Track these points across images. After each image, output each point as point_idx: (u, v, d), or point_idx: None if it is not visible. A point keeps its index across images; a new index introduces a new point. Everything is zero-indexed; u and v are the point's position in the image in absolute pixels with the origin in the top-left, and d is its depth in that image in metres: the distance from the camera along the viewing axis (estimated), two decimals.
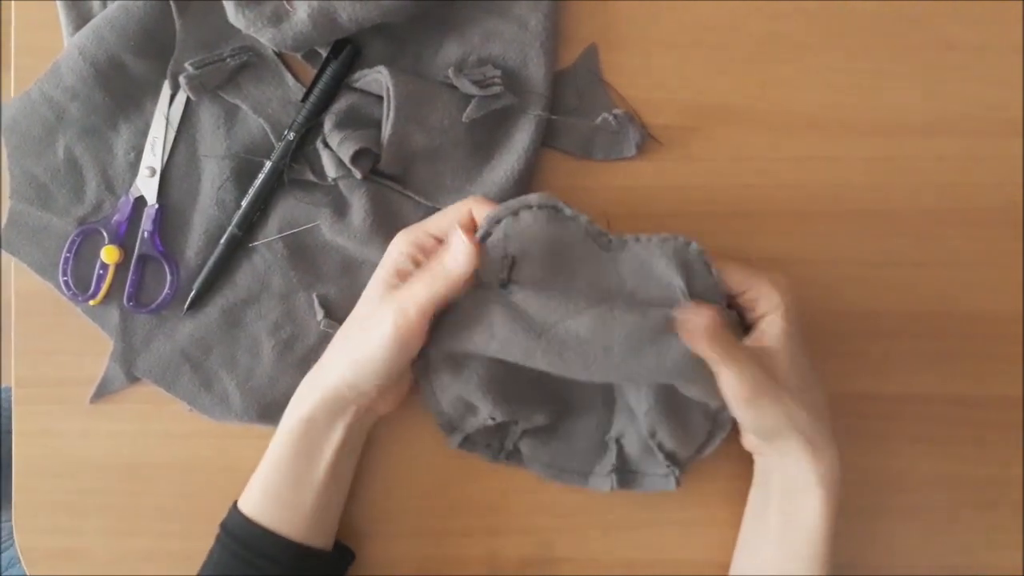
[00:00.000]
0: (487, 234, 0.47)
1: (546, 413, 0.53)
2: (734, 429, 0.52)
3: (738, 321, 0.50)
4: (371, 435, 0.54)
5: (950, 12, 0.56)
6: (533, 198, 0.47)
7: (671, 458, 0.52)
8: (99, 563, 0.55)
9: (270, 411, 0.54)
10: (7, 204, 0.54)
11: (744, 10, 0.56)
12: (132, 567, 0.55)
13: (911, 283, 0.56)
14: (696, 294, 0.46)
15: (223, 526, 0.50)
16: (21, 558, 0.54)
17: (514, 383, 0.51)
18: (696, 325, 0.45)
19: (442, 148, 0.52)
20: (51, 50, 0.53)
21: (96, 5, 0.53)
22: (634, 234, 0.47)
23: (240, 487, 0.50)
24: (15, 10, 0.55)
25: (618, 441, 0.53)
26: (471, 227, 0.47)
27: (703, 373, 0.45)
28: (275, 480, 0.50)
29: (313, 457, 0.49)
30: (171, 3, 0.52)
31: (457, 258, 0.46)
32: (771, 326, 0.47)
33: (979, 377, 0.56)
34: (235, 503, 0.50)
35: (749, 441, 0.52)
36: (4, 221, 0.54)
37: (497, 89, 0.52)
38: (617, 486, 0.52)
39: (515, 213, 0.46)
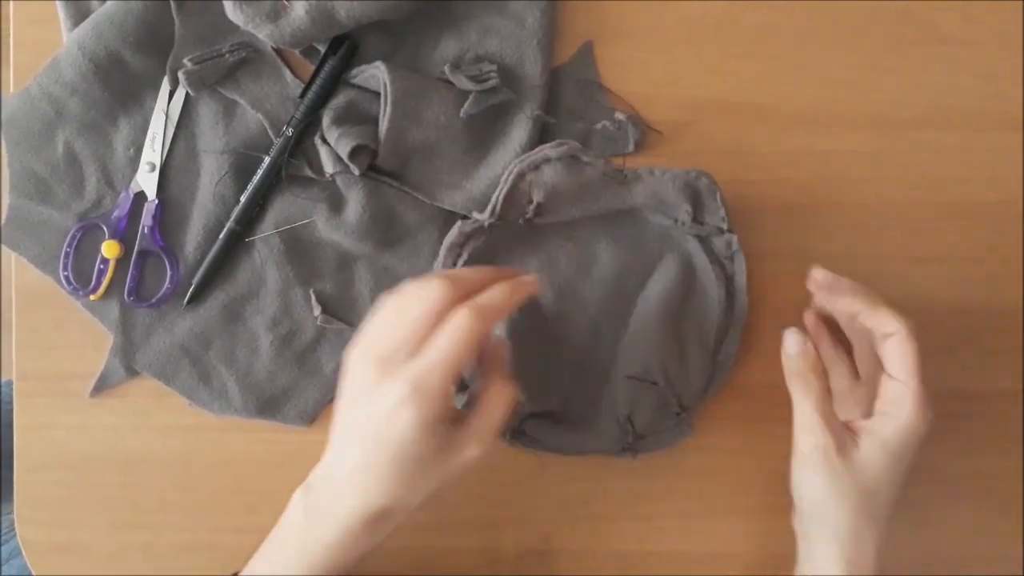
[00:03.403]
0: (513, 187, 0.51)
1: (557, 398, 0.54)
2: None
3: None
4: None
5: (944, 7, 0.56)
6: (551, 151, 0.50)
7: (680, 403, 0.53)
8: (100, 555, 0.55)
9: (269, 406, 0.54)
10: (7, 199, 0.54)
11: (739, 5, 0.56)
12: (132, 559, 0.55)
13: (905, 277, 0.56)
14: (701, 215, 0.52)
15: None
16: (23, 550, 0.55)
17: (528, 367, 0.53)
18: (790, 355, 0.49)
19: (439, 144, 0.53)
20: (50, 46, 0.53)
21: (94, 2, 0.53)
22: (648, 167, 0.52)
23: (240, 481, 0.51)
24: (14, 6, 0.55)
25: (629, 419, 0.53)
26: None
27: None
28: None
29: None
30: None
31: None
32: (897, 418, 0.46)
33: (975, 371, 0.56)
34: None
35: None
36: (4, 216, 0.54)
37: (494, 82, 0.52)
38: (636, 455, 0.53)
39: (536, 167, 0.50)
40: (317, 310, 0.54)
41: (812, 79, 0.56)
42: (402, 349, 0.42)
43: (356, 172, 0.52)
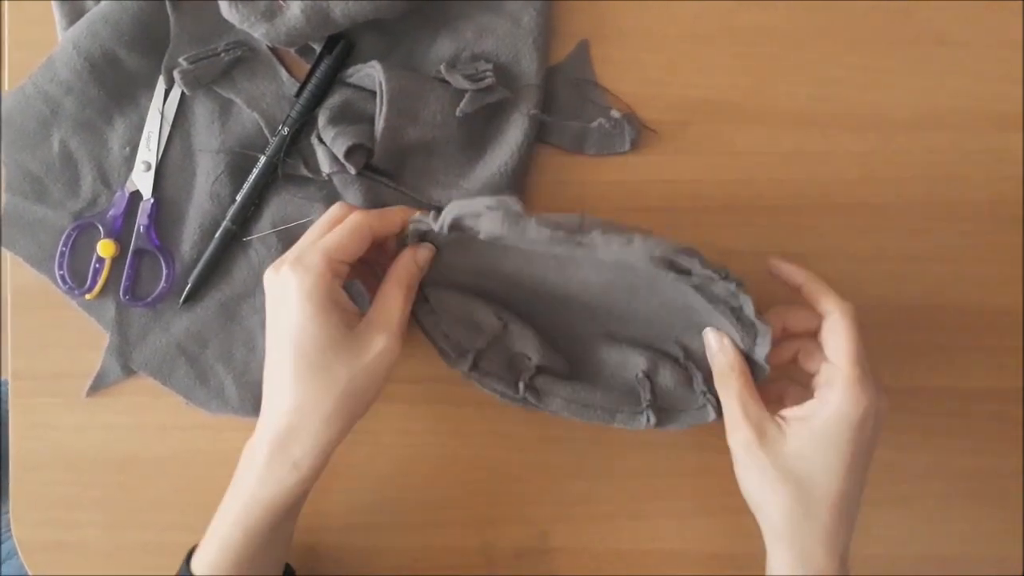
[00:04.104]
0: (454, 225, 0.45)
1: (563, 358, 0.52)
2: None
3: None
4: (365, 427, 0.53)
5: (940, 7, 0.56)
6: (484, 204, 0.44)
7: (708, 383, 0.50)
8: (96, 555, 0.55)
9: None
10: (3, 198, 0.54)
11: (735, 5, 0.56)
12: (128, 559, 0.55)
13: (902, 277, 0.56)
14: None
15: None
16: (19, 550, 0.55)
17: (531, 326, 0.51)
18: (711, 351, 0.49)
19: (435, 143, 0.52)
20: (45, 45, 0.53)
21: (89, 1, 0.53)
22: (605, 233, 0.43)
23: None
24: (9, 5, 0.55)
25: (649, 377, 0.51)
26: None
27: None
28: (246, 551, 0.46)
29: (291, 519, 0.48)
30: None
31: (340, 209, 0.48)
32: (827, 402, 0.45)
33: (970, 370, 0.56)
34: (189, 559, 0.48)
35: None
36: (0, 215, 0.54)
37: (489, 81, 0.52)
38: (655, 422, 0.50)
39: (477, 215, 0.45)
40: None
41: (809, 79, 0.56)
42: (296, 250, 0.46)
43: (352, 171, 0.52)
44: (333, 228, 0.47)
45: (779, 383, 0.51)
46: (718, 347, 0.49)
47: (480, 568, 0.56)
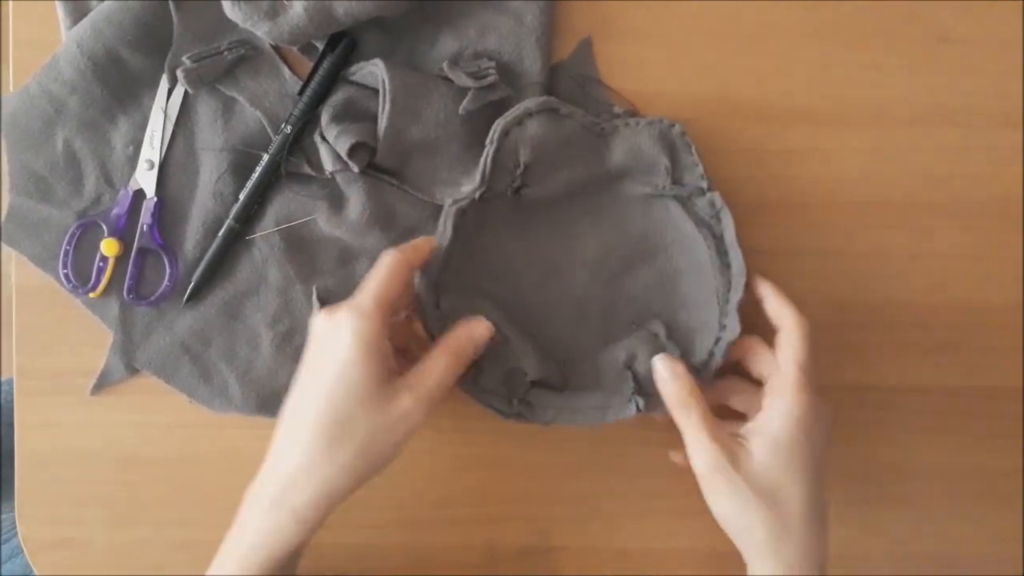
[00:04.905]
0: (498, 148, 0.50)
1: (554, 365, 0.52)
2: None
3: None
4: None
5: (944, 5, 0.56)
6: (531, 104, 0.51)
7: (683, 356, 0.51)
8: (100, 552, 0.55)
9: (269, 403, 0.54)
10: (7, 198, 0.54)
11: (738, 2, 0.56)
12: (132, 556, 0.55)
13: (905, 274, 0.56)
14: (679, 171, 0.52)
15: None
16: (23, 547, 0.55)
17: (523, 342, 0.52)
18: (663, 380, 0.48)
19: (438, 141, 0.52)
20: (49, 44, 0.53)
21: (93, 1, 0.53)
22: (624, 119, 0.52)
23: (239, 478, 0.50)
24: (12, 5, 0.55)
25: (629, 368, 0.51)
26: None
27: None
28: None
29: (292, 568, 0.48)
30: None
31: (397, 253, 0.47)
32: (779, 409, 0.46)
33: (974, 368, 0.56)
34: None
35: None
36: (4, 214, 0.54)
37: (492, 79, 0.52)
38: (644, 406, 0.50)
39: (520, 122, 0.51)
40: (317, 307, 0.54)
41: (811, 76, 0.56)
42: (351, 299, 0.46)
43: (355, 169, 0.52)
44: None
45: (725, 381, 0.52)
46: (670, 374, 0.48)
47: (483, 567, 0.56)
